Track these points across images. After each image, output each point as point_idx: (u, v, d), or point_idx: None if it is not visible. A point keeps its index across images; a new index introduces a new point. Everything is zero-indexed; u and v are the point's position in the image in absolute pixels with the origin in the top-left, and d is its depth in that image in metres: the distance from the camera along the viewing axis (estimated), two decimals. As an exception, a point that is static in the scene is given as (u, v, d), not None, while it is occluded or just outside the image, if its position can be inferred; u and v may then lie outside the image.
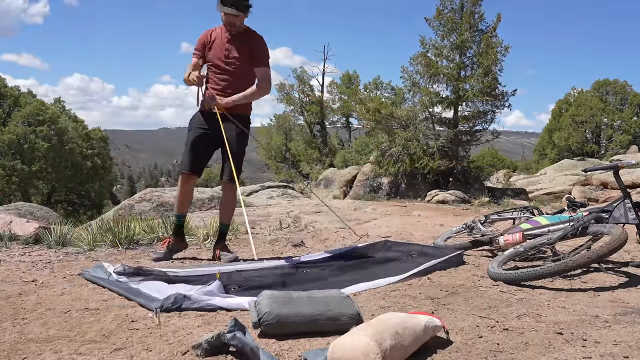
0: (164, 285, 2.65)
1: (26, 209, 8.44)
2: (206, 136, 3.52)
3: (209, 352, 1.79)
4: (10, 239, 3.98)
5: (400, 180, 10.72)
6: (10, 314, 2.26)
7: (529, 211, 4.15)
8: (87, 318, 2.23)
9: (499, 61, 10.48)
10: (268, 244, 4.32)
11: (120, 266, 2.86)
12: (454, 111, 10.95)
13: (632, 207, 3.19)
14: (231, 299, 2.43)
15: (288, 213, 6.54)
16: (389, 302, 2.51)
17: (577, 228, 3.08)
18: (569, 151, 29.50)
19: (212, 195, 8.73)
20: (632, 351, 1.85)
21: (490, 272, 3.00)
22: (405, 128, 10.83)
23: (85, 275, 2.95)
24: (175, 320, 2.20)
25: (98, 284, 2.78)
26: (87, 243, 3.91)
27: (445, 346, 1.91)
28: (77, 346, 1.90)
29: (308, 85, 29.95)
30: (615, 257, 3.50)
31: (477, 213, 7.18)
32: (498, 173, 15.91)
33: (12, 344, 1.92)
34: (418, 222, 6.06)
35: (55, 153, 25.71)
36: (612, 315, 2.28)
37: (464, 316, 2.28)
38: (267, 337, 1.98)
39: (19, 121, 25.44)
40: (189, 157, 3.53)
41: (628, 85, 30.74)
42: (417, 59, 10.96)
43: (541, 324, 2.17)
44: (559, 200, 11.13)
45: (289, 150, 29.34)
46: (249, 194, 12.97)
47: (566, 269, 2.74)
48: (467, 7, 10.80)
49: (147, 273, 2.85)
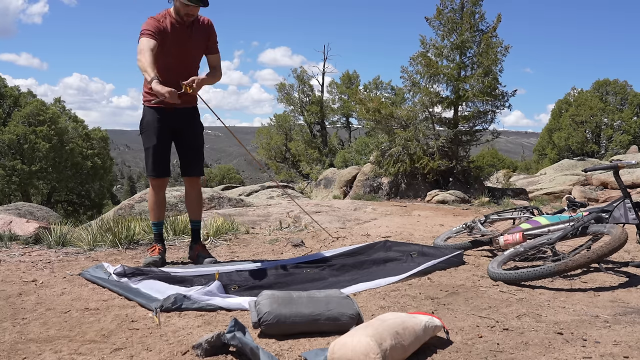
0: (163, 285, 2.65)
1: (26, 209, 8.44)
2: (165, 135, 3.29)
3: (209, 352, 1.79)
4: (10, 239, 3.98)
5: (400, 180, 10.71)
6: (10, 314, 2.26)
7: (529, 211, 4.15)
8: (87, 318, 2.23)
9: (499, 61, 10.48)
10: (268, 244, 4.32)
11: (120, 267, 2.86)
12: (454, 111, 10.94)
13: (632, 207, 3.19)
14: (231, 299, 2.43)
15: (288, 213, 6.54)
16: (389, 302, 2.51)
17: (577, 228, 3.08)
18: (569, 151, 29.50)
19: (212, 195, 8.73)
20: (632, 351, 1.85)
21: (490, 272, 3.00)
22: (405, 128, 10.83)
23: (85, 275, 2.95)
24: (175, 320, 2.20)
25: (98, 284, 2.78)
26: (87, 243, 3.91)
27: (445, 346, 1.92)
28: (77, 346, 1.90)
29: (308, 85, 29.97)
30: (615, 257, 3.50)
31: (477, 213, 7.18)
32: (498, 173, 15.92)
33: (12, 344, 1.92)
34: (418, 222, 6.06)
35: (55, 153, 25.70)
36: (612, 315, 2.28)
37: (464, 316, 2.28)
38: (267, 337, 1.98)
39: (19, 121, 25.42)
40: (157, 160, 3.28)
41: (628, 85, 30.74)
42: (417, 58, 10.94)
43: (541, 324, 2.17)
44: (559, 200, 11.13)
45: (289, 150, 29.34)
46: (249, 194, 12.98)
47: (566, 269, 2.74)
48: (468, 7, 10.79)
49: (146, 273, 2.85)
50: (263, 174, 38.21)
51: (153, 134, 3.26)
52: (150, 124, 3.28)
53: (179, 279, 2.82)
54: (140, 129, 3.35)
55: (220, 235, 4.51)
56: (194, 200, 3.54)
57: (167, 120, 3.28)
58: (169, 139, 3.34)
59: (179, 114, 3.30)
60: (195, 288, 2.52)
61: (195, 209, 3.56)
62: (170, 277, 2.82)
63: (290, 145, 29.20)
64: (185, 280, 2.80)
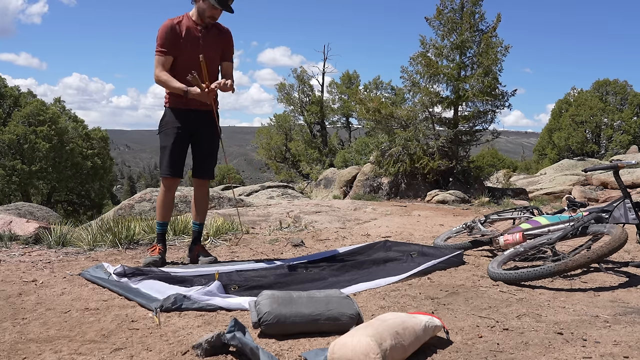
0: (163, 285, 2.65)
1: (26, 209, 8.45)
2: (184, 136, 3.33)
3: (209, 352, 1.79)
4: (10, 239, 3.98)
5: (400, 180, 10.71)
6: (10, 314, 2.26)
7: (529, 211, 4.15)
8: (87, 318, 2.23)
9: (499, 61, 10.48)
10: (268, 244, 4.32)
11: (120, 267, 2.86)
12: (454, 111, 10.94)
13: (632, 207, 3.19)
14: (231, 299, 2.43)
15: (288, 213, 6.54)
16: (389, 302, 2.51)
17: (577, 228, 3.08)
18: (569, 151, 29.50)
19: (212, 195, 8.73)
20: (632, 351, 1.85)
21: (490, 272, 3.00)
22: (405, 128, 10.83)
23: (85, 275, 2.95)
24: (175, 320, 2.20)
25: (98, 284, 2.78)
26: (87, 243, 3.92)
27: (445, 346, 1.92)
28: (77, 346, 1.90)
29: (308, 85, 29.97)
30: (615, 257, 3.50)
31: (477, 213, 7.18)
32: (498, 173, 15.91)
33: (12, 344, 1.92)
34: (418, 222, 6.06)
35: (55, 153, 25.70)
36: (612, 315, 2.28)
37: (464, 316, 2.28)
38: (267, 337, 1.98)
39: (19, 121, 25.42)
40: (173, 160, 3.30)
41: (628, 85, 30.75)
42: (417, 58, 10.94)
43: (541, 324, 2.17)
44: (559, 200, 11.13)
45: (289, 150, 29.34)
46: (249, 194, 12.98)
47: (566, 269, 2.74)
48: (467, 7, 10.79)
49: (146, 273, 2.85)
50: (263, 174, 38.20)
51: (172, 133, 3.30)
52: (169, 123, 3.33)
53: (179, 279, 2.82)
54: (159, 128, 3.41)
55: (220, 235, 4.51)
56: (200, 202, 3.54)
57: (187, 122, 3.31)
58: (186, 141, 3.37)
59: (200, 117, 3.33)
60: (195, 288, 2.52)
61: (200, 210, 3.56)
62: (170, 277, 2.82)
63: (290, 145, 29.20)
64: (185, 280, 2.79)
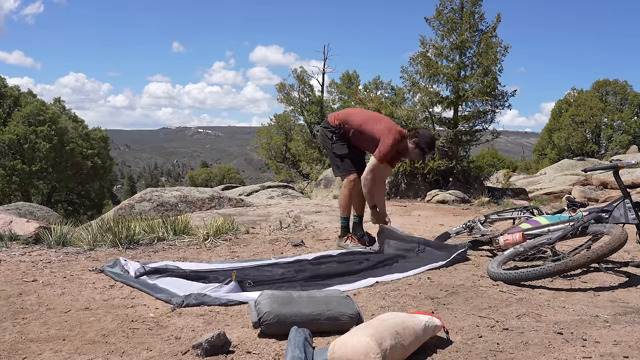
0: (181, 282, 2.72)
1: (26, 209, 8.46)
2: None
3: (209, 352, 1.79)
4: (10, 238, 3.98)
5: (400, 180, 10.71)
6: (10, 314, 2.26)
7: (529, 211, 4.15)
8: (87, 318, 2.23)
9: (499, 61, 10.48)
10: (268, 243, 4.32)
11: (140, 267, 2.93)
12: (454, 111, 10.94)
13: (632, 207, 3.19)
14: (249, 293, 2.51)
15: (288, 213, 6.54)
16: (388, 301, 2.51)
17: (577, 228, 3.08)
18: (569, 151, 29.51)
19: (212, 195, 8.72)
20: (632, 351, 1.85)
21: (490, 272, 3.00)
22: (405, 128, 10.83)
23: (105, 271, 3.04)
24: (175, 320, 2.20)
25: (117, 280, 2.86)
26: (88, 243, 3.91)
27: (445, 346, 1.92)
28: (77, 346, 1.90)
29: (308, 85, 29.95)
30: (615, 257, 3.50)
31: (477, 213, 7.17)
32: (498, 173, 15.93)
33: (12, 343, 1.92)
34: (418, 222, 6.06)
35: (55, 153, 25.68)
36: (612, 315, 2.28)
37: (464, 316, 2.28)
38: (267, 337, 1.98)
39: (19, 121, 25.40)
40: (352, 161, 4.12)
41: (628, 85, 30.77)
42: (416, 58, 10.94)
43: (541, 324, 2.17)
44: (559, 200, 11.13)
45: (289, 150, 29.33)
46: (249, 193, 12.98)
47: (566, 269, 2.74)
48: (467, 7, 10.79)
49: (163, 270, 2.93)
50: (263, 174, 38.21)
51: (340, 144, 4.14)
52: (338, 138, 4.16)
53: (195, 275, 2.87)
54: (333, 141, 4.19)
55: (220, 235, 4.50)
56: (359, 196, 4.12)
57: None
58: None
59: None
60: (211, 286, 2.58)
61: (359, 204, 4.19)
62: (186, 274, 2.88)
63: (290, 145, 29.18)
64: (201, 277, 2.85)
